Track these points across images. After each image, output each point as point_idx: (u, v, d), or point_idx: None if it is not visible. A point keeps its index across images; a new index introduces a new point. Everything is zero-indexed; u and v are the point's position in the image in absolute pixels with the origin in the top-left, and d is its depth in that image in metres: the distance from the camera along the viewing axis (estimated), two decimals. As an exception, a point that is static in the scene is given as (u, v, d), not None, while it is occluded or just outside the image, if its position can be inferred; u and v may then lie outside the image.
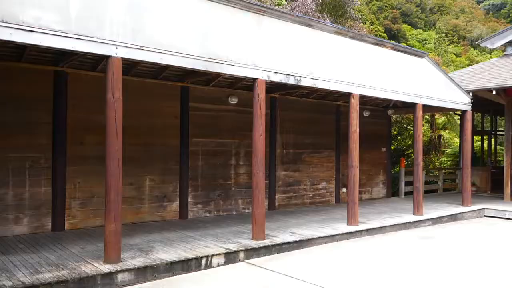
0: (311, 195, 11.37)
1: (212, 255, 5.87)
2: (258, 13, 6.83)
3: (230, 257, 6.07)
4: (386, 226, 8.59)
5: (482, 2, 73.50)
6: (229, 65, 6.42)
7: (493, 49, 15.93)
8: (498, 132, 17.41)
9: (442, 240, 8.12)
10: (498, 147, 18.12)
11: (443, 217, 10.01)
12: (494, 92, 11.65)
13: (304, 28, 7.56)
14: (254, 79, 6.79)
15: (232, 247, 6.27)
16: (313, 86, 7.71)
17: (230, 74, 6.61)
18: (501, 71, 12.22)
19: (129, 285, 5.02)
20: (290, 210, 10.37)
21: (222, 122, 9.55)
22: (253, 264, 6.03)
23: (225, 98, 9.50)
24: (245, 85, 9.09)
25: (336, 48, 8.10)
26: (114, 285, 4.96)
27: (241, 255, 6.19)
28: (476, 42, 15.94)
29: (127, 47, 5.37)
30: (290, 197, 10.88)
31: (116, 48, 5.29)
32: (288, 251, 6.77)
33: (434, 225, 9.62)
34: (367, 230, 8.19)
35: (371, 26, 48.64)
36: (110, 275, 4.95)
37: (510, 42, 13.51)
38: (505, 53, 13.79)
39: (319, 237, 7.32)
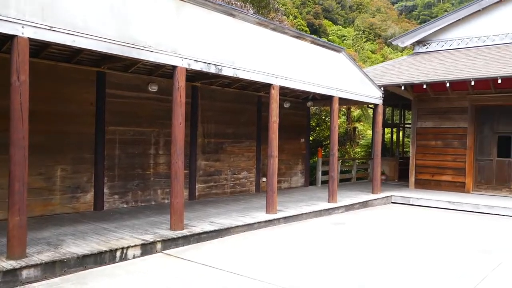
0: (231, 184, 11.46)
1: (128, 247, 5.70)
2: (179, -1, 6.68)
3: (147, 248, 5.94)
4: (302, 214, 8.91)
5: (397, 3, 78.32)
6: (148, 51, 6.22)
7: (404, 47, 17.05)
8: (406, 125, 18.74)
9: (353, 225, 8.61)
10: (406, 139, 19.52)
11: (355, 204, 10.61)
12: (402, 88, 12.51)
13: (226, 17, 7.54)
14: (174, 67, 6.66)
15: (149, 238, 6.14)
16: (235, 76, 7.74)
17: (149, 61, 6.40)
18: (409, 69, 13.13)
19: (36, 282, 4.73)
20: (210, 200, 10.38)
21: (142, 110, 9.26)
22: (170, 255, 5.95)
23: (145, 85, 9.21)
24: (166, 72, 8.89)
25: (257, 39, 8.18)
26: (18, 282, 4.63)
27: (159, 246, 6.09)
28: (389, 41, 16.96)
29: (35, 26, 4.98)
30: (210, 186, 10.88)
31: (23, 27, 4.89)
32: (207, 240, 6.78)
33: (347, 212, 10.17)
34: (284, 218, 8.44)
35: (294, 20, 49.79)
36: (13, 271, 4.61)
37: (418, 41, 14.56)
38: (413, 51, 14.83)
39: (238, 226, 7.41)
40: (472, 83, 11.31)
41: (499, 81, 10.89)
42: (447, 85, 11.70)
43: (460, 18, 13.67)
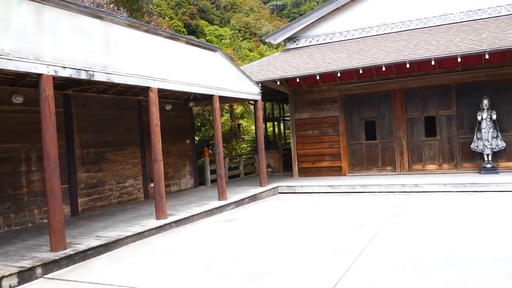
0: (118, 194, 10.97)
1: (2, 278, 5.14)
2: (39, 2, 6.17)
3: (25, 275, 5.41)
4: (194, 215, 8.89)
5: (268, 2, 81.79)
6: (5, 59, 5.63)
7: (278, 44, 17.86)
8: (286, 118, 19.74)
9: (243, 219, 8.84)
10: (287, 131, 20.55)
11: (245, 199, 10.89)
12: (278, 83, 13.14)
13: (94, 20, 7.16)
14: (39, 75, 6.15)
15: (27, 263, 5.60)
16: (108, 81, 7.40)
17: (8, 70, 5.81)
18: (283, 64, 13.84)
19: None
20: (96, 213, 9.82)
21: (7, 125, 8.38)
22: (53, 279, 5.51)
23: (8, 97, 8.36)
24: (31, 81, 8.15)
25: (130, 42, 7.91)
26: None
27: (39, 270, 5.59)
28: (262, 38, 17.65)
29: None
30: (95, 199, 10.29)
31: None
32: (94, 256, 6.41)
33: (237, 207, 10.39)
34: (175, 221, 8.33)
35: (170, 21, 49.22)
36: None
37: (288, 38, 15.39)
38: (286, 48, 15.65)
39: (127, 237, 7.13)
40: (339, 74, 12.31)
41: (361, 71, 12.02)
42: (318, 77, 12.58)
43: (323, 15, 14.76)
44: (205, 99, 12.91)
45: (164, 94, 11.30)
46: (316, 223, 8.00)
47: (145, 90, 8.58)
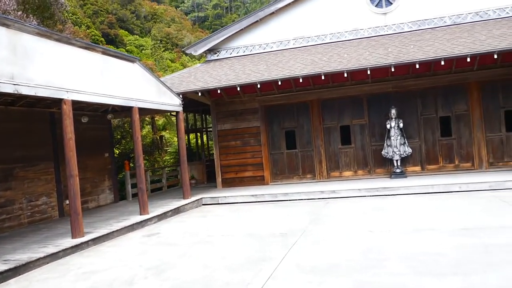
0: (29, 213, 10.25)
1: None
2: None
3: None
4: (113, 232, 8.56)
5: (190, 13, 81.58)
6: None
7: (200, 55, 17.84)
8: (209, 129, 19.75)
9: (166, 233, 8.67)
10: (210, 142, 20.57)
11: (168, 212, 10.70)
12: (200, 94, 13.15)
13: (0, 28, 6.71)
14: None
15: None
16: (16, 92, 6.93)
17: None
18: (204, 76, 13.88)
19: None
20: (4, 235, 9.08)
21: None
22: (-48, 309, 5.02)
23: None
24: None
25: (41, 51, 7.49)
26: None
27: None
28: (182, 49, 17.57)
29: None
30: (3, 220, 9.52)
31: None
32: (1, 282, 5.93)
33: (160, 221, 10.17)
34: (93, 239, 7.97)
35: (87, 30, 47.21)
36: None
37: (209, 49, 15.48)
38: (206, 59, 15.72)
39: (39, 258, 6.68)
40: (259, 86, 12.63)
41: (279, 83, 12.43)
42: (238, 89, 12.79)
43: (243, 27, 15.06)
44: (125, 111, 12.54)
45: (79, 106, 10.82)
46: (239, 233, 8.08)
47: (58, 102, 8.16)
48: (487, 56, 11.26)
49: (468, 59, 11.22)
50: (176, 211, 11.13)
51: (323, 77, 12.11)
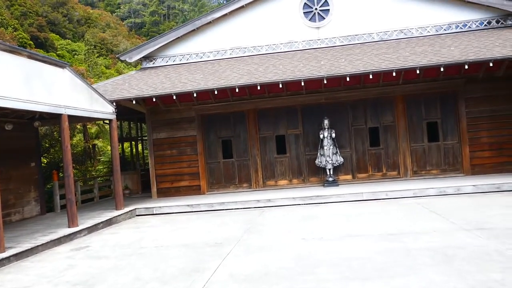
0: None
1: None
2: None
3: None
4: (38, 246, 8.10)
5: (126, 19, 79.57)
6: None
7: (136, 62, 17.43)
8: (144, 138, 19.30)
9: (97, 246, 8.34)
10: (146, 151, 20.10)
11: (99, 224, 10.30)
12: (134, 102, 12.86)
13: None
14: None
15: None
16: None
17: None
18: (139, 83, 13.59)
19: None
20: None
21: None
22: None
23: None
24: None
25: (-44, 54, 6.99)
26: None
27: None
28: (117, 56, 17.11)
29: None
30: None
31: None
32: None
33: (90, 234, 9.76)
34: (16, 254, 7.48)
35: (15, 32, 44.52)
36: None
37: (145, 57, 15.19)
38: (142, 66, 15.40)
39: (-48, 277, 6.17)
40: (195, 95, 12.58)
41: (216, 92, 12.47)
42: (174, 97, 12.65)
43: (180, 35, 14.94)
44: (53, 118, 11.94)
45: (4, 113, 10.16)
46: (173, 244, 7.95)
47: (-23, 108, 7.62)
48: (410, 71, 12.02)
49: (394, 74, 11.93)
50: (108, 222, 10.74)
51: (259, 87, 12.32)
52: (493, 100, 13.20)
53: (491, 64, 11.58)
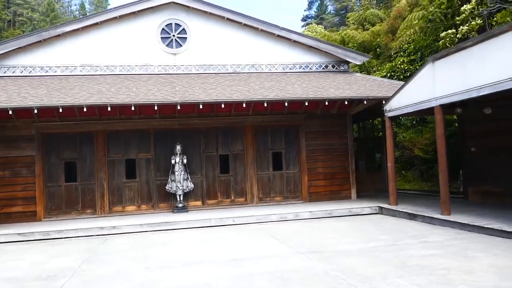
0: None
1: None
2: None
3: None
4: None
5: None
6: None
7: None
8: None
9: None
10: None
11: None
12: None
13: None
14: None
15: None
16: None
17: None
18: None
19: None
20: None
21: None
22: None
23: None
24: None
25: None
26: None
27: None
28: None
29: None
30: None
31: None
32: None
33: None
34: None
35: None
36: None
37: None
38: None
39: None
40: (36, 111, 11.49)
41: (61, 110, 11.56)
42: (10, 112, 11.36)
43: (23, 45, 13.59)
44: None
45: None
46: (-5, 279, 6.99)
47: None
48: (259, 103, 12.85)
49: (244, 105, 12.61)
50: None
51: (109, 108, 11.81)
52: (328, 134, 14.85)
53: (326, 103, 13.08)
